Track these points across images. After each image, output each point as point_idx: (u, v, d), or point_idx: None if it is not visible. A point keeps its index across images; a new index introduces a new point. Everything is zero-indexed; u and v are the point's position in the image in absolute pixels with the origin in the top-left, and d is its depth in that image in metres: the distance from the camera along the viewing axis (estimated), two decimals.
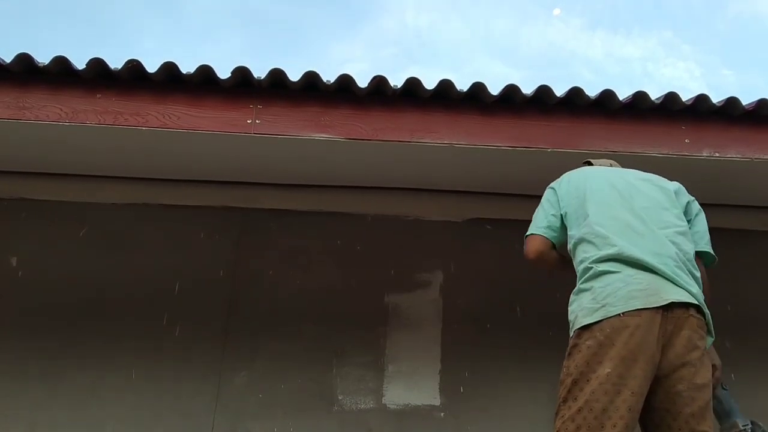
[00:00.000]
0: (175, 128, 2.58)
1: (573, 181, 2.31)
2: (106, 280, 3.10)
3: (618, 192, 2.18)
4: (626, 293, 1.92)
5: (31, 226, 3.16)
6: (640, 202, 2.15)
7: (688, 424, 1.84)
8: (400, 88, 2.70)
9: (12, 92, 2.55)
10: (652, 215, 2.12)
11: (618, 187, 2.20)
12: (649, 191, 2.22)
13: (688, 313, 1.93)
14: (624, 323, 1.87)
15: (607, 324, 1.89)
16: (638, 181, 2.26)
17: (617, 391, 1.81)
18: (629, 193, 2.18)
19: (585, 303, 1.98)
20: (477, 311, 3.19)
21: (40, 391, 2.88)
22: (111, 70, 2.58)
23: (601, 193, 2.19)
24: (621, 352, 1.84)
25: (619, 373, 1.82)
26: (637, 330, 1.86)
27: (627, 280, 1.95)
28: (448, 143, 2.70)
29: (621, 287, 1.94)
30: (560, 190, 2.32)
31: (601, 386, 1.82)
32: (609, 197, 2.17)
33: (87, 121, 2.54)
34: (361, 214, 3.31)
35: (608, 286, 1.96)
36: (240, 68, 2.60)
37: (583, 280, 2.05)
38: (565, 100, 2.76)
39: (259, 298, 3.13)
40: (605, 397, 1.80)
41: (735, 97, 2.75)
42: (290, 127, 2.65)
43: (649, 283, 1.94)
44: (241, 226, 3.25)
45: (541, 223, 2.29)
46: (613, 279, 1.97)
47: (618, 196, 2.16)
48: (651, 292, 1.91)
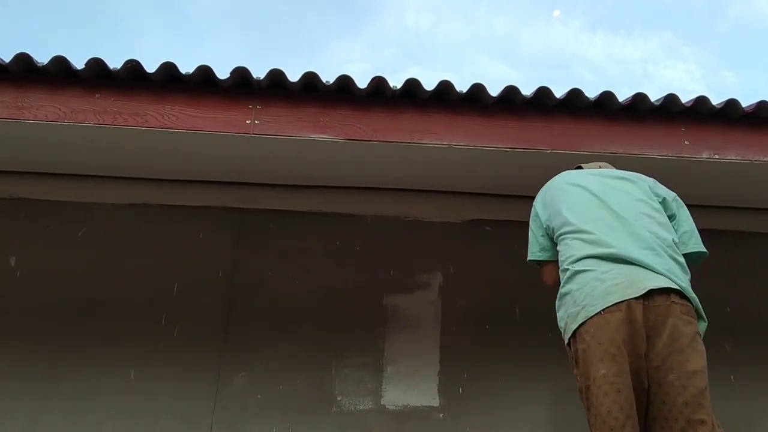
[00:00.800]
0: (174, 128, 2.57)
1: (548, 193, 2.34)
2: (105, 281, 3.10)
3: (590, 192, 2.19)
4: (603, 290, 1.91)
5: (30, 226, 3.15)
6: (614, 198, 2.16)
7: (683, 414, 1.80)
8: (399, 88, 2.70)
9: (11, 92, 2.55)
10: (626, 209, 2.11)
11: (590, 187, 2.21)
12: (623, 187, 2.22)
13: (670, 300, 1.90)
14: (606, 321, 1.87)
15: (591, 324, 1.89)
16: (612, 180, 2.26)
17: (617, 390, 1.80)
18: (602, 191, 2.19)
19: (569, 308, 1.99)
20: (476, 312, 3.18)
21: (38, 391, 2.88)
22: (110, 70, 2.58)
23: (573, 197, 2.21)
24: (610, 351, 1.84)
25: (614, 372, 1.81)
26: (621, 325, 1.85)
27: (602, 276, 1.94)
28: (448, 144, 2.69)
29: (597, 285, 1.93)
30: (539, 207, 2.35)
31: (600, 389, 1.81)
32: (581, 199, 2.18)
33: (86, 121, 2.54)
34: (360, 215, 3.31)
35: (585, 286, 1.96)
36: (239, 68, 2.60)
37: (563, 284, 2.06)
38: (565, 101, 2.76)
39: (258, 299, 3.13)
40: (607, 398, 1.80)
41: (735, 99, 2.75)
42: (289, 127, 2.64)
43: (625, 275, 1.93)
44: (240, 226, 3.25)
45: (534, 248, 2.33)
46: (589, 278, 1.97)
47: (590, 196, 2.17)
48: (628, 284, 1.90)
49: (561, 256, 2.12)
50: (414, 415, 2.98)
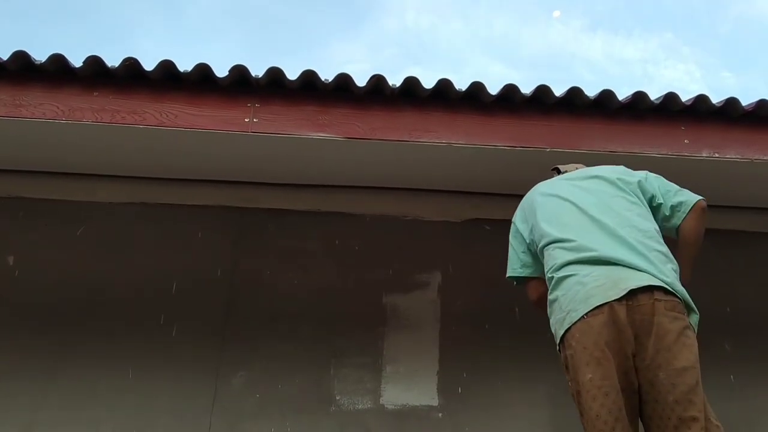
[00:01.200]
0: (173, 127, 2.57)
1: (525, 207, 2.34)
2: (103, 280, 3.09)
3: (564, 200, 2.19)
4: (584, 294, 1.91)
5: (28, 225, 3.14)
6: (588, 200, 2.15)
7: (675, 412, 1.79)
8: (398, 87, 2.69)
9: (8, 90, 2.55)
10: (601, 208, 2.11)
11: (564, 195, 2.21)
12: (595, 186, 2.22)
13: (653, 297, 1.89)
14: (589, 325, 1.87)
15: (575, 330, 1.89)
16: (583, 181, 2.26)
17: (605, 394, 1.80)
18: (575, 196, 2.18)
19: (556, 314, 2.00)
20: (475, 312, 3.18)
21: (37, 391, 2.87)
22: (108, 68, 2.58)
23: (549, 207, 2.21)
24: (595, 354, 1.83)
25: (601, 376, 1.81)
26: (604, 328, 1.85)
27: (584, 280, 1.94)
28: (447, 143, 2.69)
29: (579, 290, 1.93)
30: (518, 222, 2.36)
31: (588, 393, 1.82)
32: (556, 208, 2.19)
33: (84, 119, 2.54)
34: (359, 214, 3.30)
35: (569, 291, 1.96)
36: (238, 67, 2.59)
37: (549, 291, 2.07)
38: (565, 100, 2.76)
39: (257, 299, 3.12)
40: (595, 402, 1.80)
41: (735, 97, 2.75)
42: (288, 126, 2.64)
43: (606, 277, 1.92)
44: (239, 225, 3.24)
45: (515, 265, 2.34)
46: (572, 283, 1.97)
47: (565, 203, 2.17)
48: (609, 285, 1.90)
49: (546, 267, 2.12)
50: (413, 415, 2.97)
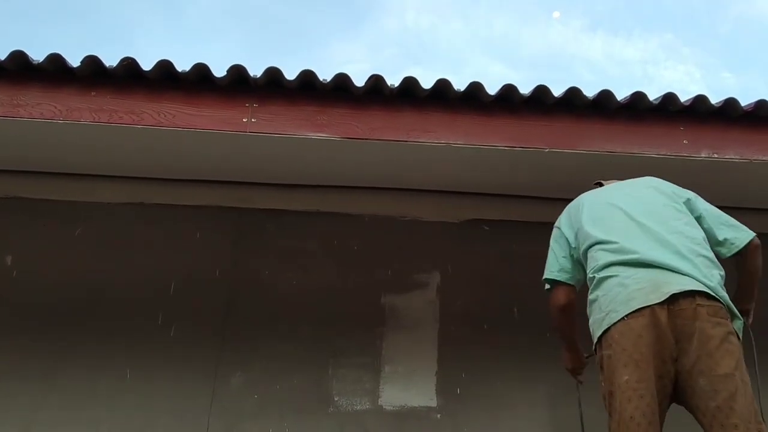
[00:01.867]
0: (171, 126, 2.56)
1: (571, 212, 2.34)
2: (102, 280, 3.08)
3: (612, 205, 2.20)
4: (626, 296, 1.91)
5: (26, 225, 3.14)
6: (635, 206, 2.16)
7: (716, 419, 1.78)
8: (397, 87, 2.69)
9: (6, 90, 2.54)
10: (649, 214, 2.12)
11: (610, 200, 2.23)
12: (644, 194, 2.23)
13: (695, 302, 1.88)
14: (629, 326, 1.86)
15: (615, 331, 1.89)
16: (632, 189, 2.28)
17: (640, 396, 1.80)
18: (622, 201, 2.19)
19: (595, 315, 2.00)
20: (474, 312, 3.17)
21: (35, 391, 2.87)
22: (106, 67, 2.57)
23: (596, 212, 2.22)
24: (634, 357, 1.83)
25: (637, 378, 1.81)
26: (644, 330, 1.85)
27: (625, 282, 1.94)
28: (446, 143, 2.68)
29: (620, 291, 1.93)
30: (563, 227, 2.34)
31: (623, 395, 1.82)
32: (603, 212, 2.19)
33: (81, 119, 2.53)
34: (358, 215, 3.30)
35: (609, 292, 1.96)
36: (236, 66, 2.59)
37: (590, 291, 2.07)
38: (564, 100, 2.75)
39: (256, 299, 3.12)
40: (630, 404, 1.80)
41: (734, 98, 2.74)
42: (286, 126, 2.63)
43: (648, 280, 1.92)
44: (238, 226, 3.24)
45: (553, 268, 2.31)
46: (613, 284, 1.97)
47: (611, 208, 2.18)
48: (650, 289, 1.90)
49: (587, 268, 2.13)
50: (412, 415, 2.96)
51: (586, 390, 2.58)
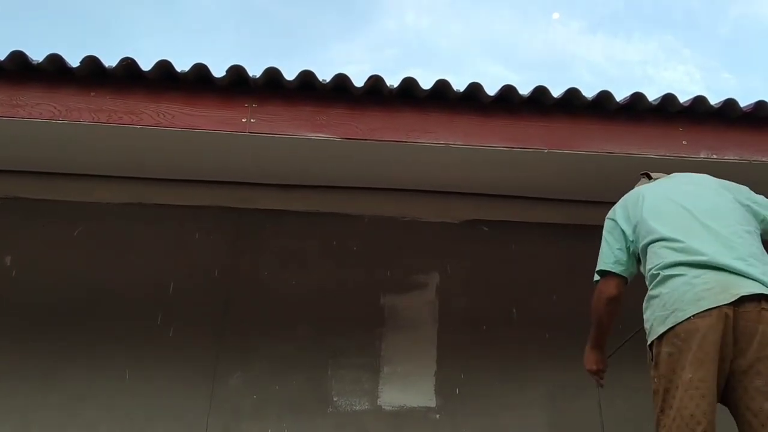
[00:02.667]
0: (170, 127, 2.56)
1: (630, 204, 2.31)
2: (101, 280, 3.08)
3: (675, 202, 2.18)
4: (693, 295, 1.91)
5: (25, 226, 3.14)
6: (701, 206, 2.15)
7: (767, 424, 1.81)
8: (396, 88, 2.69)
9: (5, 90, 2.53)
10: (716, 217, 2.11)
11: (672, 196, 2.21)
12: (709, 195, 2.22)
13: (761, 306, 1.89)
14: (696, 326, 1.87)
15: (680, 329, 1.89)
16: (697, 188, 2.27)
17: (702, 395, 1.81)
18: (689, 201, 2.18)
19: (657, 311, 1.99)
20: (473, 313, 3.17)
21: (33, 391, 2.87)
22: (105, 68, 2.57)
23: (660, 207, 2.20)
24: (698, 356, 1.84)
25: (700, 377, 1.83)
26: (710, 330, 1.85)
27: (693, 281, 1.94)
28: (445, 144, 2.68)
29: (688, 290, 1.93)
30: (619, 219, 2.31)
31: (686, 392, 1.83)
32: (669, 209, 2.17)
33: (81, 119, 2.52)
34: (357, 215, 3.30)
35: (675, 290, 1.96)
36: (235, 67, 2.59)
37: (652, 286, 2.06)
38: (563, 101, 2.75)
39: (254, 299, 3.12)
40: (692, 402, 1.81)
41: (733, 98, 2.74)
42: (285, 126, 2.63)
43: (716, 281, 1.92)
44: (236, 226, 3.24)
45: (608, 259, 2.28)
46: (679, 282, 1.96)
47: (678, 207, 2.16)
48: (719, 290, 1.90)
49: (648, 263, 2.11)
50: (411, 416, 2.96)
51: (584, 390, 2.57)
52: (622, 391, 2.87)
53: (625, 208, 2.32)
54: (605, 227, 2.35)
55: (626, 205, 2.32)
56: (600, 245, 2.32)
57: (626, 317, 2.30)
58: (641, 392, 2.74)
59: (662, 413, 1.88)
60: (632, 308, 2.19)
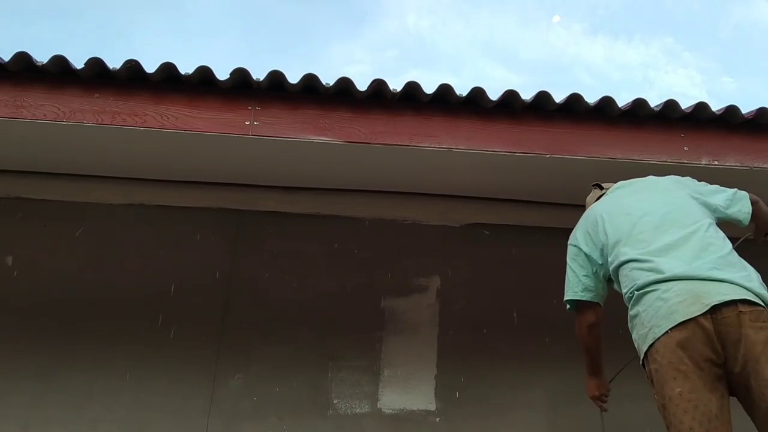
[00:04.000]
0: (173, 129, 2.57)
1: (589, 229, 2.30)
2: (102, 281, 3.08)
3: (635, 217, 2.17)
4: (667, 309, 1.92)
5: (27, 226, 3.14)
6: (659, 214, 2.15)
7: (766, 422, 1.82)
8: (399, 92, 2.70)
9: (10, 91, 2.54)
10: (677, 222, 2.10)
11: (633, 212, 2.20)
12: (665, 200, 2.21)
13: (737, 310, 1.88)
14: (673, 339, 1.88)
15: (659, 345, 1.90)
16: (651, 194, 2.26)
17: (695, 407, 1.81)
18: (646, 211, 2.17)
19: (639, 329, 2.00)
20: (474, 316, 3.18)
21: (34, 391, 2.86)
22: (109, 69, 2.57)
23: (620, 226, 2.18)
24: (681, 368, 1.85)
25: (689, 389, 1.83)
26: (689, 343, 1.86)
27: (664, 296, 1.94)
28: (447, 148, 2.69)
29: (661, 305, 1.94)
30: (581, 245, 2.30)
31: (678, 407, 1.83)
32: (628, 226, 2.16)
33: (84, 121, 2.53)
34: (359, 218, 3.31)
35: (650, 307, 1.97)
36: (239, 69, 2.60)
37: (630, 306, 2.06)
38: (565, 106, 2.76)
39: (255, 301, 3.12)
40: (686, 415, 1.81)
41: (734, 105, 2.75)
42: (288, 129, 2.64)
43: (687, 292, 1.92)
44: (238, 228, 3.24)
45: (576, 287, 2.28)
46: (653, 299, 1.97)
47: (637, 221, 2.15)
48: (690, 301, 1.90)
49: (623, 286, 2.11)
50: (410, 419, 2.97)
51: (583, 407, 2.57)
52: (623, 399, 2.86)
53: (586, 233, 2.31)
54: (569, 254, 2.35)
55: (587, 230, 2.31)
56: None
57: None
58: (639, 401, 2.76)
59: (668, 430, 1.89)
60: None
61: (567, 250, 2.36)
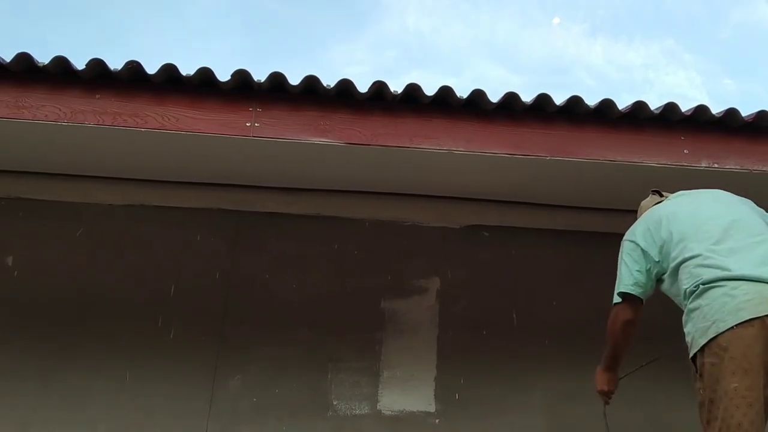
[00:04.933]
0: (174, 130, 2.57)
1: (651, 226, 2.29)
2: (102, 281, 3.09)
3: (702, 218, 2.18)
4: (734, 306, 1.91)
5: (28, 226, 3.14)
6: (727, 219, 2.15)
7: None
8: (399, 93, 2.70)
9: (11, 91, 2.54)
10: (743, 229, 2.11)
11: (700, 214, 2.20)
12: (730, 209, 2.23)
13: None
14: (738, 335, 1.87)
15: (722, 339, 1.89)
16: (716, 203, 2.28)
17: (749, 404, 1.81)
18: (713, 215, 2.18)
19: (698, 323, 1.99)
20: (473, 318, 3.18)
21: (33, 391, 2.87)
22: (110, 70, 2.57)
23: (687, 225, 2.18)
24: (743, 365, 1.84)
25: (746, 386, 1.83)
26: (754, 341, 1.86)
27: (732, 293, 1.94)
28: (447, 149, 2.69)
29: (728, 301, 1.93)
30: (640, 241, 2.28)
31: (732, 402, 1.82)
32: (696, 226, 2.16)
33: (85, 122, 2.53)
34: (359, 219, 3.31)
35: (715, 301, 1.96)
36: (240, 71, 2.60)
37: (691, 300, 2.05)
38: (565, 108, 2.76)
39: (255, 302, 3.12)
40: (738, 411, 1.81)
41: (734, 108, 2.75)
42: (289, 130, 2.64)
43: (756, 292, 1.92)
44: (238, 229, 3.24)
45: (627, 281, 2.26)
46: (719, 294, 1.96)
47: (704, 222, 2.16)
48: (758, 301, 1.90)
49: (684, 282, 2.09)
50: (410, 421, 2.97)
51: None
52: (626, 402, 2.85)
53: (647, 229, 2.29)
54: (624, 249, 2.32)
55: (647, 227, 2.30)
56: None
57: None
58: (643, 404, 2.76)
59: (708, 425, 1.88)
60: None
61: (621, 247, 2.34)
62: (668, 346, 2.39)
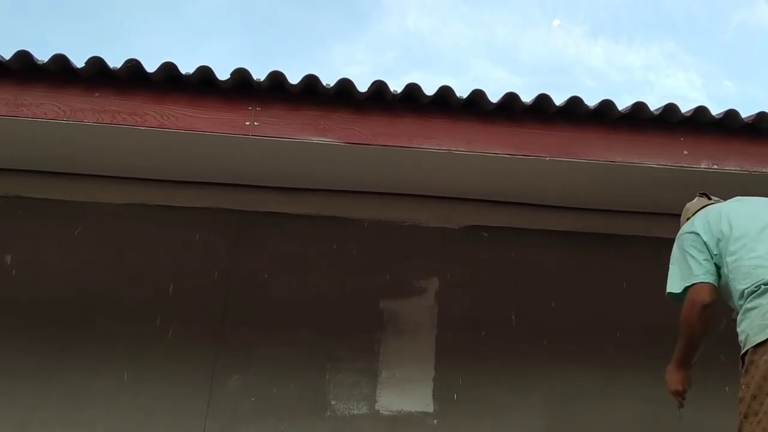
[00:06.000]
0: (173, 128, 2.57)
1: (711, 220, 2.27)
2: (101, 280, 3.08)
3: (759, 218, 2.18)
4: None
5: (27, 225, 3.14)
6: None
7: None
8: (399, 93, 2.70)
9: (10, 89, 2.54)
10: None
11: (760, 217, 2.20)
12: None
13: None
14: None
15: None
16: None
17: None
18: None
19: (755, 321, 1.98)
20: (472, 318, 3.18)
21: (33, 391, 2.87)
22: (110, 69, 2.57)
23: (747, 226, 2.18)
24: None
25: None
26: None
27: None
28: (447, 150, 2.69)
29: None
30: (701, 232, 2.25)
31: None
32: (756, 228, 2.16)
33: (85, 120, 2.53)
34: (358, 219, 3.31)
35: None
36: (239, 70, 2.60)
37: (749, 299, 2.03)
38: (565, 109, 2.76)
39: (254, 302, 3.12)
40: None
41: (734, 109, 2.75)
42: (288, 130, 2.64)
43: None
44: (237, 228, 3.24)
45: (698, 271, 2.19)
46: None
47: (764, 222, 2.16)
48: None
49: (741, 282, 2.07)
50: (408, 421, 2.97)
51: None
52: None
53: (706, 222, 2.27)
54: (685, 241, 2.27)
55: (707, 220, 2.28)
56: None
57: None
58: None
59: (745, 419, 1.89)
60: None
61: (679, 241, 2.30)
62: None
